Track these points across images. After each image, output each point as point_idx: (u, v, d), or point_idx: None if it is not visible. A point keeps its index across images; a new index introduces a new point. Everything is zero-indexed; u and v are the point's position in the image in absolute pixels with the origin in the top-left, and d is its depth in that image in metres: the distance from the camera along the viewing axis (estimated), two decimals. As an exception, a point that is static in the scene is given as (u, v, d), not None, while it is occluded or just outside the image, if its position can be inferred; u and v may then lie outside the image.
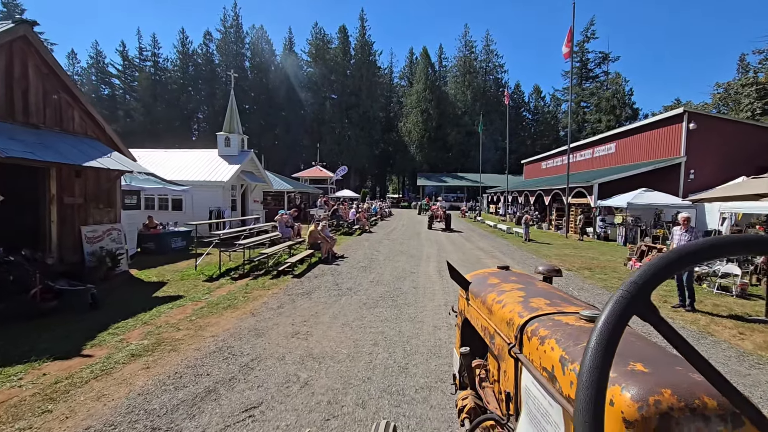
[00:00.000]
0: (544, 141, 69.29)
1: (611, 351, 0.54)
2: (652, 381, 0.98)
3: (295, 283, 8.64)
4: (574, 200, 22.51)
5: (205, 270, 9.77)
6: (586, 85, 72.53)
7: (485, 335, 2.07)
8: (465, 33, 69.85)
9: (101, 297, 6.85)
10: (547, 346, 1.37)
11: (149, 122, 67.14)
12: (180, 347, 4.91)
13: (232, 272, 9.73)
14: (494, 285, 2.23)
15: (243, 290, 7.89)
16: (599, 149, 28.69)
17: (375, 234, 20.11)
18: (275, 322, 5.93)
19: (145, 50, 72.70)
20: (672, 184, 20.22)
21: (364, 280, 9.05)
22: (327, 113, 65.05)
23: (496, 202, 43.49)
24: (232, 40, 70.88)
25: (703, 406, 0.90)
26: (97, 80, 72.88)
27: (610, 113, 64.48)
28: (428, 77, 65.36)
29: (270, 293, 7.73)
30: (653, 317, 0.58)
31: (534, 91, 76.26)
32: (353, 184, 63.52)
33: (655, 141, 22.45)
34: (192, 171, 16.07)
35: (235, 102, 18.18)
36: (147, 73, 70.93)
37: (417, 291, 8.02)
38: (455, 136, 64.18)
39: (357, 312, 6.51)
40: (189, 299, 7.21)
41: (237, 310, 6.54)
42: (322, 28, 70.28)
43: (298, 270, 10.12)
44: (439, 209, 24.75)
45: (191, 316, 6.21)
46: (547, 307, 1.72)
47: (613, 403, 0.96)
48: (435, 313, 6.47)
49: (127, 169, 8.08)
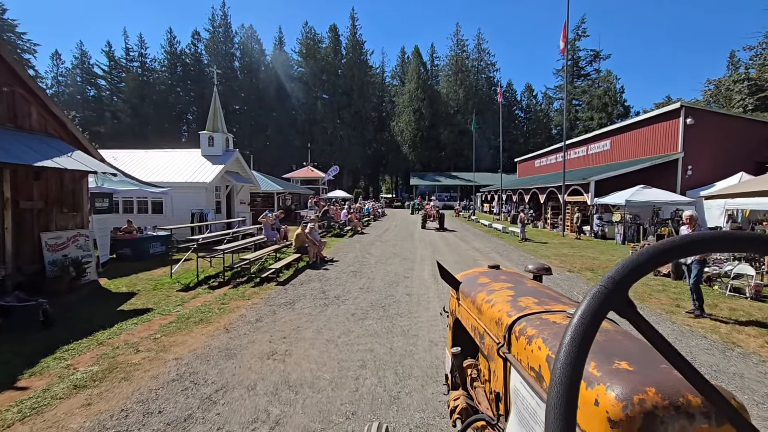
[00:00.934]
0: (537, 139, 69.10)
1: (585, 347, 0.53)
2: (637, 380, 0.98)
3: (278, 292, 7.94)
4: (570, 198, 22.04)
5: (182, 278, 9.03)
6: (578, 83, 72.50)
7: (475, 335, 2.06)
8: (456, 32, 69.52)
9: (58, 312, 6.11)
10: (535, 346, 1.37)
11: (137, 124, 65.84)
12: (134, 374, 4.21)
13: (211, 280, 9.01)
14: (484, 285, 2.22)
15: (220, 301, 7.18)
16: (594, 146, 28.30)
17: (367, 235, 19.44)
18: (251, 339, 5.25)
19: (132, 51, 71.42)
20: (669, 180, 19.82)
21: (353, 286, 8.38)
22: (318, 113, 64.22)
23: (490, 201, 43.05)
24: (221, 39, 69.76)
25: (687, 404, 0.90)
26: (83, 81, 71.39)
27: (602, 111, 64.51)
28: (420, 76, 64.80)
29: (249, 304, 7.03)
30: (630, 313, 0.57)
31: (526, 90, 76.11)
32: (346, 184, 62.79)
33: (652, 137, 22.05)
34: (173, 172, 15.27)
35: (218, 99, 17.40)
36: (134, 73, 69.57)
37: (411, 299, 7.37)
38: (448, 135, 63.73)
39: (344, 325, 5.84)
40: (158, 312, 6.49)
41: (209, 325, 5.84)
42: (313, 27, 69.40)
43: (283, 276, 9.42)
44: (433, 209, 24.43)
45: (156, 333, 5.50)
46: (536, 306, 1.72)
47: (598, 403, 0.96)
48: (431, 325, 5.83)
49: (88, 169, 7.34)
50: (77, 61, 70.43)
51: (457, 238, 18.41)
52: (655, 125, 21.64)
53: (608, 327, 1.43)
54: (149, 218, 14.66)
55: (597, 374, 1.05)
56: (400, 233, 20.44)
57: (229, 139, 17.23)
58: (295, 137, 62.35)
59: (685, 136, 19.62)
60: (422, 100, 63.11)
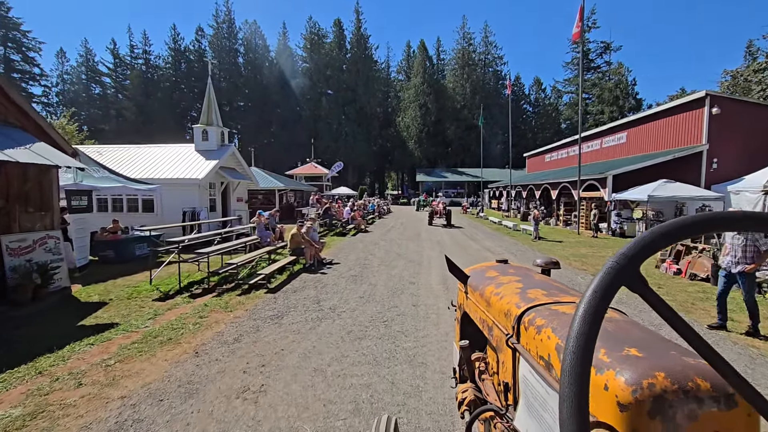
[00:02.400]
0: (546, 134, 67.51)
1: (598, 319, 0.55)
2: (646, 365, 0.98)
3: (266, 301, 7.00)
4: (585, 194, 20.85)
5: (163, 284, 8.14)
6: (588, 75, 70.61)
7: (484, 327, 2.07)
8: (463, 25, 67.97)
9: (7, 328, 5.23)
10: (544, 335, 1.37)
11: (142, 121, 65.40)
12: (61, 423, 3.27)
13: (194, 287, 8.09)
14: (492, 278, 2.23)
15: (198, 313, 6.25)
16: (609, 139, 27.04)
17: (371, 234, 18.46)
18: (222, 368, 4.30)
19: (137, 48, 70.85)
20: (692, 174, 18.55)
21: (352, 294, 7.41)
22: (323, 109, 63.26)
23: (499, 197, 41.80)
24: (225, 35, 69.02)
25: (696, 388, 0.90)
26: (87, 79, 70.93)
27: (613, 104, 62.79)
28: (426, 71, 63.47)
29: (230, 318, 6.09)
30: (641, 287, 0.58)
31: (534, 83, 74.36)
32: (351, 181, 61.85)
33: (673, 129, 20.76)
34: (164, 168, 14.38)
35: (213, 91, 16.48)
36: (138, 71, 69.06)
37: (417, 311, 6.38)
38: (454, 131, 62.46)
39: (337, 347, 4.87)
40: (123, 329, 5.57)
41: (177, 347, 4.91)
42: (317, 22, 68.43)
43: (274, 282, 8.48)
44: (440, 204, 23.83)
45: (112, 357, 4.58)
46: (545, 297, 1.73)
47: (607, 388, 0.97)
48: (442, 348, 4.84)
49: (48, 162, 6.43)
50: (82, 59, 70.01)
51: (466, 237, 17.37)
52: (677, 116, 20.34)
53: (617, 317, 1.42)
54: (139, 217, 13.81)
55: (606, 360, 1.05)
56: (405, 232, 19.44)
57: (225, 133, 16.30)
58: (299, 133, 61.43)
59: (710, 127, 18.33)
60: (428, 95, 61.82)
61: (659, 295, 0.58)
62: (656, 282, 8.82)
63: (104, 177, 10.82)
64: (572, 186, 22.30)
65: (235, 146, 16.47)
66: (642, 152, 22.98)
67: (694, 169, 18.74)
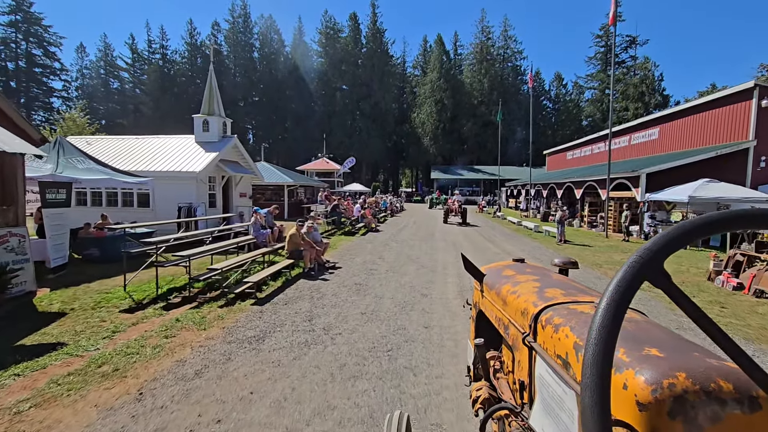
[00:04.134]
0: (566, 131, 65.16)
1: (621, 313, 0.55)
2: (667, 365, 0.96)
3: (250, 316, 5.90)
4: (614, 193, 19.24)
5: (139, 291, 7.13)
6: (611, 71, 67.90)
7: (499, 326, 2.06)
8: (482, 18, 66.01)
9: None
10: (562, 334, 1.36)
11: (158, 116, 65.47)
12: None
13: (175, 294, 7.07)
14: (509, 277, 2.21)
15: (164, 332, 5.17)
16: (638, 135, 25.26)
17: (382, 233, 17.31)
18: (162, 423, 3.19)
19: (154, 43, 71.03)
20: (735, 173, 16.82)
21: (353, 310, 6.25)
22: (338, 105, 62.31)
23: (516, 196, 40.13)
24: (241, 30, 68.67)
25: (718, 389, 0.88)
26: (106, 74, 71.50)
27: (638, 100, 60.15)
28: (443, 65, 61.81)
29: (202, 338, 5.00)
30: (664, 282, 0.58)
31: (555, 79, 71.81)
32: (364, 177, 60.80)
33: (712, 123, 18.97)
34: (161, 160, 13.46)
35: (215, 79, 15.46)
36: (155, 65, 69.22)
37: (430, 335, 5.18)
38: (471, 127, 60.75)
39: (323, 392, 3.72)
40: (68, 351, 4.54)
41: (120, 383, 3.83)
42: (333, 16, 67.71)
43: (266, 290, 7.39)
44: (455, 203, 23.14)
45: (31, 398, 3.53)
46: (563, 296, 1.71)
47: (626, 387, 0.95)
48: (460, 395, 3.63)
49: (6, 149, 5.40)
50: (101, 54, 70.60)
51: (483, 238, 16.05)
52: (718, 110, 18.55)
53: (637, 318, 1.40)
54: (134, 213, 12.95)
55: (626, 360, 1.03)
56: (419, 232, 18.21)
57: (227, 123, 15.27)
58: (313, 129, 60.51)
59: (758, 122, 16.55)
60: (444, 91, 60.19)
61: (683, 291, 0.57)
62: (714, 299, 7.41)
63: (89, 168, 9.92)
64: (599, 185, 20.73)
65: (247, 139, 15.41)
66: (675, 149, 21.22)
67: (737, 167, 17.02)
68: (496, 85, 62.16)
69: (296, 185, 25.46)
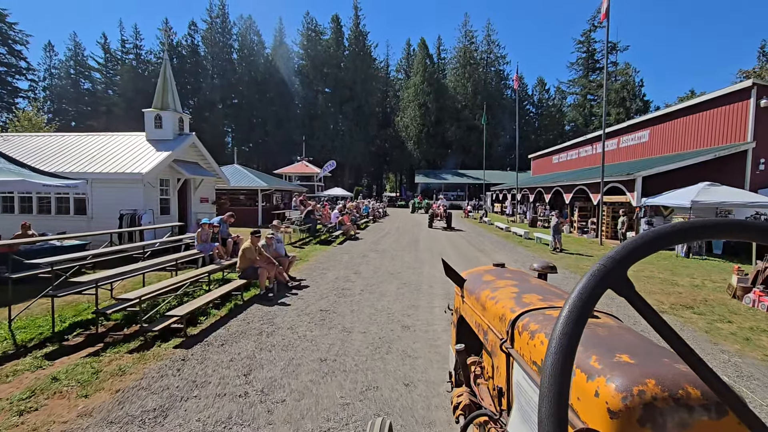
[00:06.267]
0: (549, 136, 65.09)
1: (582, 321, 0.54)
2: (637, 372, 0.97)
3: (164, 368, 4.28)
4: (607, 198, 18.21)
5: (32, 327, 5.43)
6: (593, 76, 68.23)
7: (479, 332, 2.04)
8: (465, 22, 65.61)
9: None
10: (537, 340, 1.35)
11: (132, 118, 62.47)
12: None
13: (79, 330, 5.39)
14: (489, 282, 2.19)
15: (24, 401, 3.52)
16: (627, 138, 24.46)
17: (361, 241, 15.79)
18: None
19: (128, 43, 68.12)
20: (733, 176, 15.93)
21: (309, 354, 4.68)
22: (320, 107, 60.76)
23: (502, 201, 39.17)
24: (219, 30, 66.50)
25: (686, 396, 0.89)
26: (77, 74, 68.12)
27: (620, 105, 60.65)
28: (426, 69, 60.93)
29: (74, 414, 3.38)
30: (627, 291, 0.58)
31: (538, 84, 71.83)
32: (347, 181, 59.23)
33: (706, 125, 18.15)
34: (103, 160, 11.61)
35: (170, 70, 13.72)
36: (129, 65, 66.31)
37: (412, 398, 3.68)
38: (455, 131, 59.96)
39: None
40: None
41: None
42: (314, 18, 66.11)
43: (203, 323, 5.77)
44: (440, 207, 22.92)
45: None
46: (540, 302, 1.69)
47: (598, 394, 0.96)
48: None
49: None
50: (71, 53, 67.24)
51: (473, 248, 14.69)
52: (713, 110, 17.73)
53: (612, 323, 1.39)
54: (70, 221, 11.11)
55: (598, 366, 1.03)
56: (401, 239, 16.75)
57: (184, 119, 13.45)
58: (295, 132, 58.67)
59: (756, 122, 15.74)
60: (428, 95, 59.27)
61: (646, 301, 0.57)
62: (746, 323, 6.12)
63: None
64: (590, 189, 19.72)
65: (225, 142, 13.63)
66: (667, 152, 20.40)
67: (735, 170, 16.15)
68: (480, 89, 61.63)
69: (271, 189, 23.72)
